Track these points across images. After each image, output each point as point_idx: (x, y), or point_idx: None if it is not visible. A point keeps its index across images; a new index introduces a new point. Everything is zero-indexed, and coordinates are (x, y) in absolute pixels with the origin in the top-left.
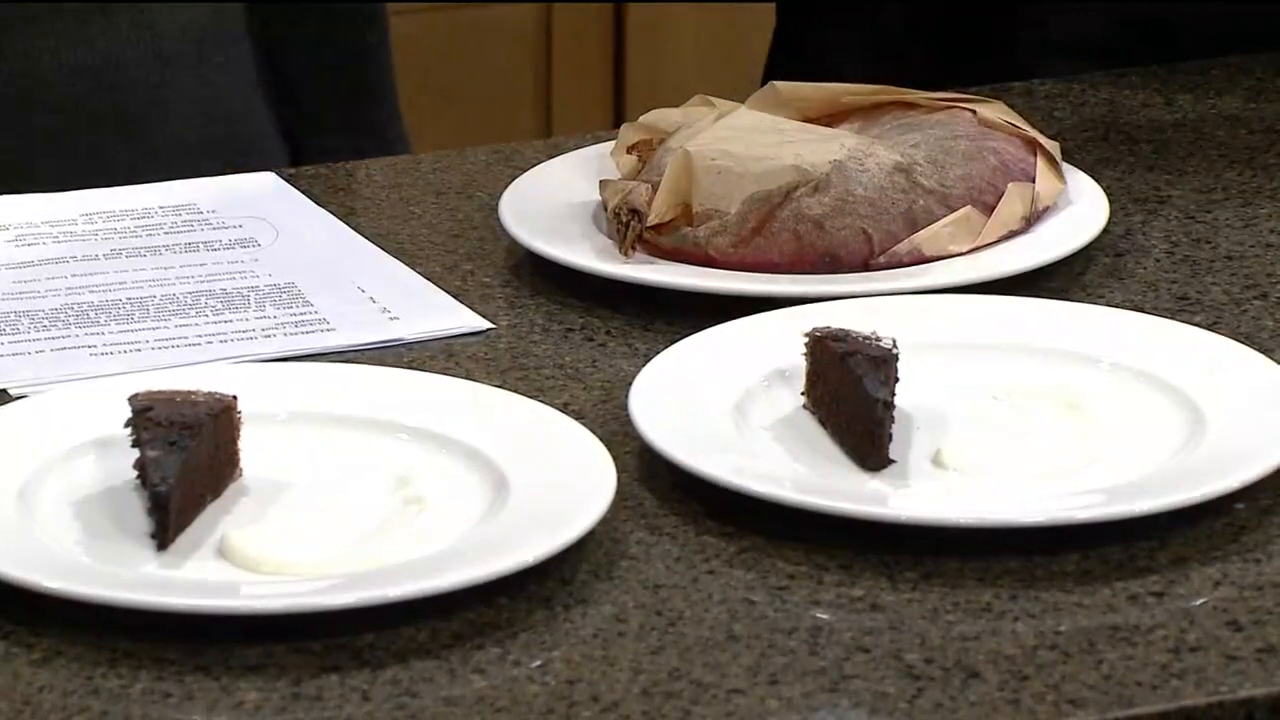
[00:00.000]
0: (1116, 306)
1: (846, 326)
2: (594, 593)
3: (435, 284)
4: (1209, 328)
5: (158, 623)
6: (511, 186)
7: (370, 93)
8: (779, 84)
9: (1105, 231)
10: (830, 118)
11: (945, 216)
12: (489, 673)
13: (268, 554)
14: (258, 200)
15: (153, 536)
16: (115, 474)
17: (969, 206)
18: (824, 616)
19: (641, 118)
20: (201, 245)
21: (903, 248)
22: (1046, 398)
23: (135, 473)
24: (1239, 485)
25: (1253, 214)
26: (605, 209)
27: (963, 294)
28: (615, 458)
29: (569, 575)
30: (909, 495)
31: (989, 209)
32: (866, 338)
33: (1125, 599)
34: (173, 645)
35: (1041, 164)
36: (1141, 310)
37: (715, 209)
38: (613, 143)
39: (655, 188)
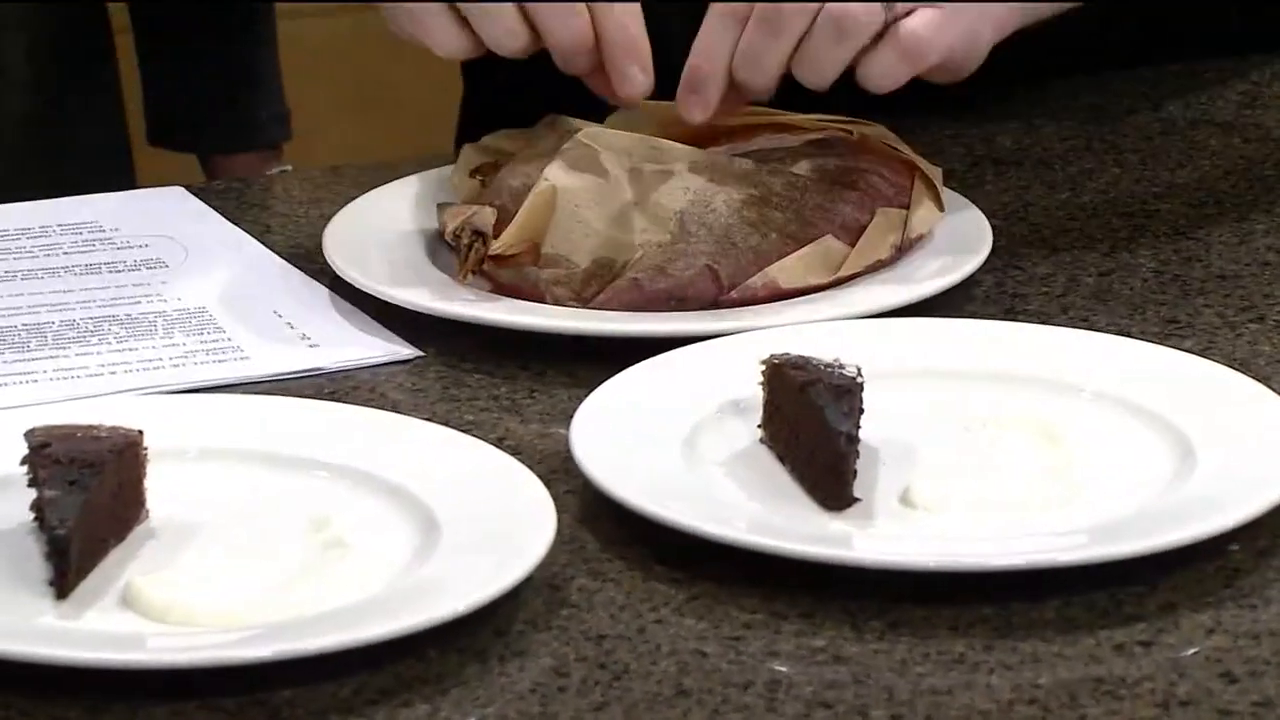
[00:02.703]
0: (1100, 330)
1: (806, 353)
2: (532, 644)
3: (358, 308)
4: (1201, 353)
5: (57, 678)
6: (339, 215)
7: (252, 88)
8: (646, 102)
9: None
10: (700, 139)
11: (802, 248)
12: None
13: (176, 602)
14: (165, 217)
15: (51, 584)
16: (10, 516)
17: (829, 236)
18: (783, 669)
19: (485, 139)
20: (104, 266)
21: (755, 281)
22: (1024, 430)
23: (32, 515)
24: (1233, 525)
25: (1248, 229)
26: (443, 233)
27: (932, 317)
28: (555, 497)
29: (504, 625)
30: (875, 536)
31: (854, 237)
32: (829, 365)
33: (1110, 649)
34: (74, 703)
35: (918, 189)
36: (1127, 334)
37: (565, 256)
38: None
39: (501, 212)
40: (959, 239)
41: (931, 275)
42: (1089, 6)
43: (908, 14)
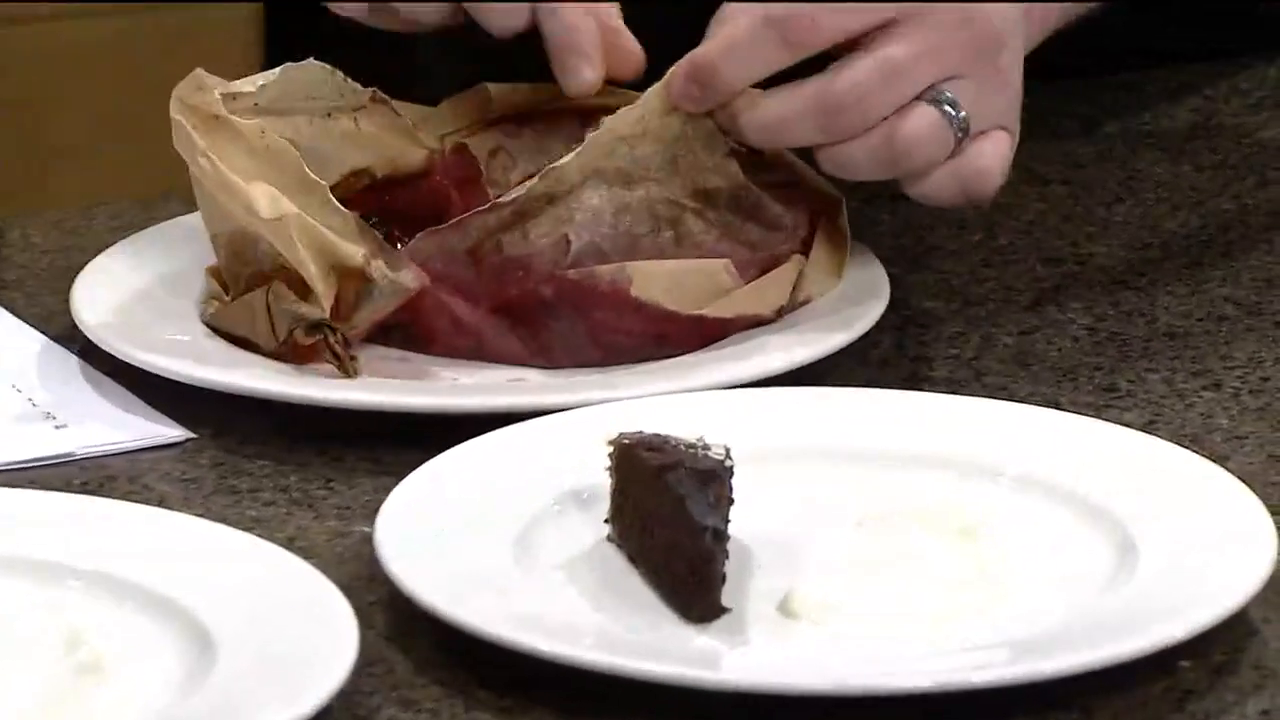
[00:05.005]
0: (1022, 401)
1: (664, 430)
2: None
3: (116, 380)
4: (1144, 428)
5: None
6: (91, 266)
7: None
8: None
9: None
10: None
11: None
12: None
13: None
14: None
15: None
16: None
17: (726, 263)
18: None
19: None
20: None
21: (605, 270)
22: (931, 523)
23: None
24: (1183, 636)
25: (1202, 277)
26: (215, 324)
27: (817, 386)
28: (357, 609)
29: None
30: (748, 654)
31: (750, 275)
32: (691, 445)
33: None
34: None
35: (821, 240)
36: (1056, 406)
37: (379, 245)
38: None
39: (290, 275)
40: (849, 290)
41: (816, 335)
42: None
43: (978, 136)
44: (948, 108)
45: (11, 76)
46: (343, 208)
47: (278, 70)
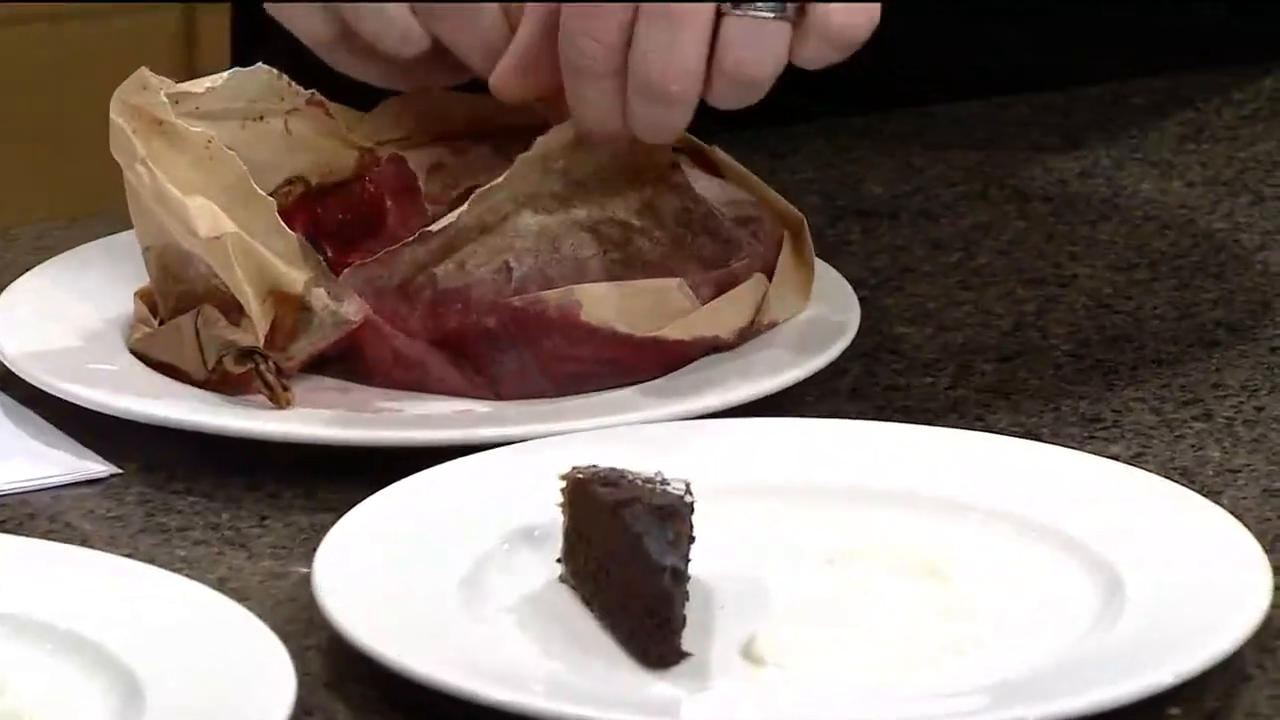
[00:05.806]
0: (1000, 432)
1: (620, 464)
2: None
3: (34, 411)
4: (1131, 461)
5: None
6: (11, 290)
7: None
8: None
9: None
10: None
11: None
12: None
13: None
14: None
15: None
16: None
17: (678, 282)
18: None
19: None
20: None
21: (551, 295)
22: (904, 562)
23: None
24: (1173, 682)
25: (1191, 300)
26: (170, 345)
27: (782, 417)
28: (294, 654)
29: None
30: (710, 701)
31: (708, 294)
32: (649, 480)
33: None
34: None
35: (785, 260)
36: (1037, 438)
37: (322, 274)
38: None
39: (223, 298)
40: (817, 315)
41: (781, 362)
42: (982, 13)
43: None
44: (750, 9)
45: None
46: (287, 229)
47: (225, 74)
